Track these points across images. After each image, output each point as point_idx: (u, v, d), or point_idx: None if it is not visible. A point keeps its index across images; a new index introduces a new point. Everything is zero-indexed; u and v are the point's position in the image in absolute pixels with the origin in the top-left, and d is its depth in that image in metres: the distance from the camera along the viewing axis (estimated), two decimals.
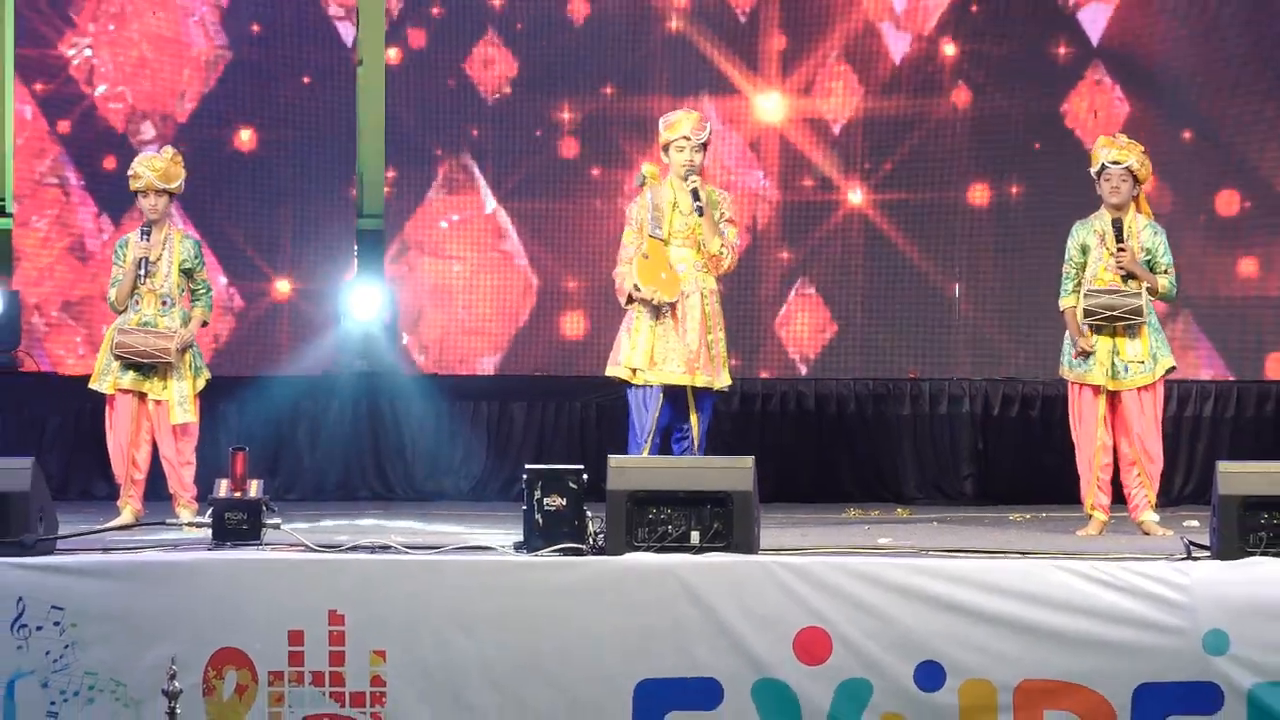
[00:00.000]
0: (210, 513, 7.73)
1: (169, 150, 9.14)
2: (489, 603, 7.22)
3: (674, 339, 8.84)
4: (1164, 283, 8.78)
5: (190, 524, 8.53)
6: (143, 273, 8.99)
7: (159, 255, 9.04)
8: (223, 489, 7.77)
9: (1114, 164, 8.73)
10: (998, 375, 11.53)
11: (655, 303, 8.82)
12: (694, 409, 8.92)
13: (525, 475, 7.44)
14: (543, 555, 7.32)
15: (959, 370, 11.62)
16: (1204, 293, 11.44)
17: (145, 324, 9.00)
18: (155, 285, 9.03)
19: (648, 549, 7.30)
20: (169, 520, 8.71)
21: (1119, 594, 7.09)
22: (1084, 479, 8.82)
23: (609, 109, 11.96)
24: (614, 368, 8.94)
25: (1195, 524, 9.06)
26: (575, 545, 7.34)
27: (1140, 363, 8.72)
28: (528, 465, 7.60)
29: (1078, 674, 7.08)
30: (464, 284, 12.02)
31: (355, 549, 7.55)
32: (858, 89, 11.83)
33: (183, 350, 9.00)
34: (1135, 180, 8.77)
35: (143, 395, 9.01)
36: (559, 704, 7.19)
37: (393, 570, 7.31)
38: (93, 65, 11.96)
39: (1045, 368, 10.40)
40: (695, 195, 8.83)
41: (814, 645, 7.15)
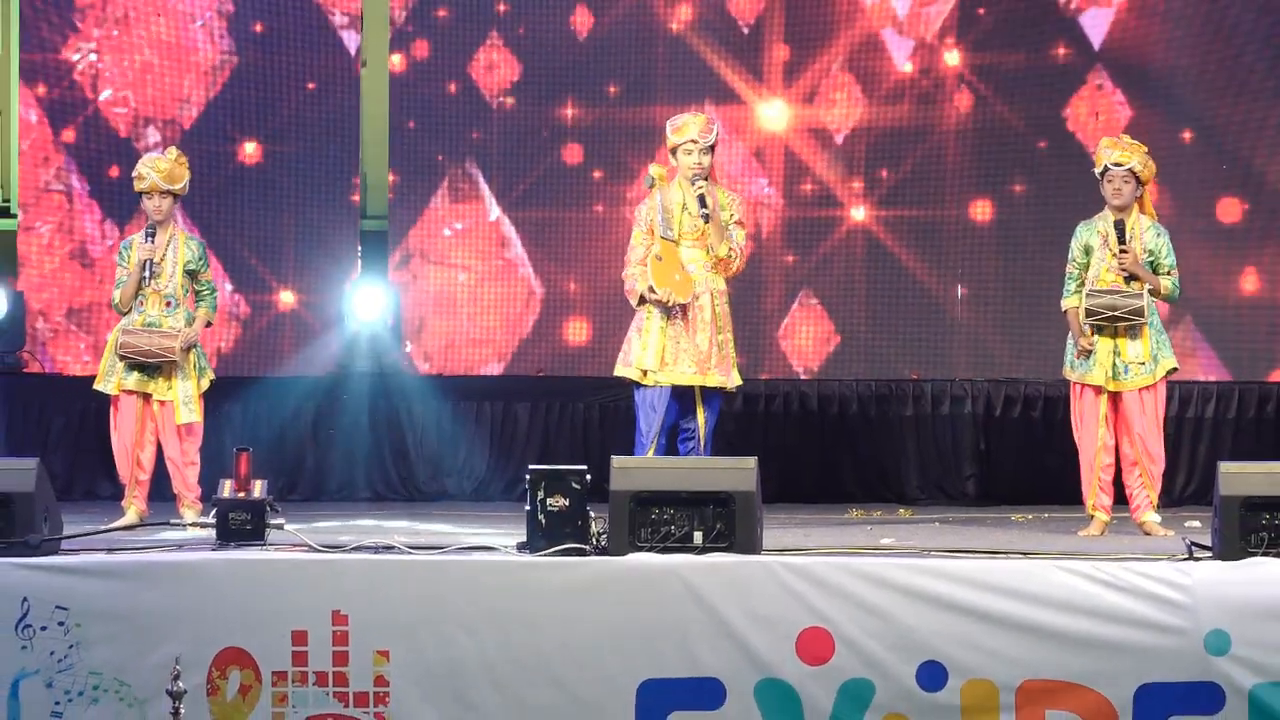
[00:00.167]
0: (214, 513, 7.73)
1: (173, 151, 9.15)
2: (492, 603, 7.23)
3: (685, 340, 8.86)
4: (1167, 284, 8.79)
5: (194, 524, 8.54)
6: (147, 274, 9.00)
7: (163, 256, 9.05)
8: (227, 489, 7.76)
9: (1117, 165, 8.75)
10: (999, 376, 11.54)
11: (669, 304, 8.84)
12: (701, 404, 8.94)
13: (528, 475, 7.44)
14: (546, 555, 7.33)
15: (960, 374, 11.62)
16: (1205, 298, 11.42)
17: (150, 324, 9.01)
18: (160, 286, 9.04)
19: (651, 549, 7.31)
20: (173, 520, 8.73)
21: (1121, 594, 7.10)
22: (1085, 480, 8.84)
23: (613, 117, 11.95)
24: (624, 368, 8.95)
25: (1197, 524, 9.08)
26: (578, 546, 7.34)
27: (1141, 363, 8.73)
28: (531, 466, 7.62)
29: (1079, 674, 7.09)
30: (468, 293, 12.00)
31: (359, 549, 7.55)
32: (860, 98, 11.83)
33: (187, 349, 9.01)
34: (1138, 182, 8.79)
35: (147, 396, 9.02)
36: (562, 704, 7.20)
37: (396, 571, 7.32)
38: (97, 70, 11.95)
39: (1047, 369, 10.41)
40: (702, 202, 8.86)
41: (816, 645, 7.16)
